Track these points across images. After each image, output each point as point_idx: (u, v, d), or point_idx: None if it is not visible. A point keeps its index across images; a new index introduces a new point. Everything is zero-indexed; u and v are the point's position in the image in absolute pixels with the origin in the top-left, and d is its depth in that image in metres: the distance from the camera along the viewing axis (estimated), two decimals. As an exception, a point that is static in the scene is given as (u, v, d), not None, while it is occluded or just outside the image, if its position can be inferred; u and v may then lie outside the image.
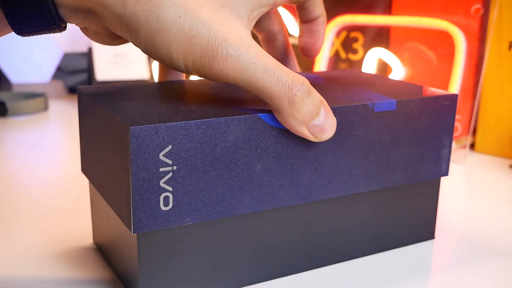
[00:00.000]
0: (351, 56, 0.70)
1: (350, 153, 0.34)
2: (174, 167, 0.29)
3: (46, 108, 0.79)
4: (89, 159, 0.35)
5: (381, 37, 0.67)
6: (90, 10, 0.29)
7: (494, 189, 0.52)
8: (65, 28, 0.30)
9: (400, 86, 0.39)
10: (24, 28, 0.29)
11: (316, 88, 0.38)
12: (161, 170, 0.29)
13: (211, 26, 0.29)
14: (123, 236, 0.32)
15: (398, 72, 0.65)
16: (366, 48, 0.68)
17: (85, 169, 0.36)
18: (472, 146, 0.63)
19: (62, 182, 0.52)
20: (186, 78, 0.46)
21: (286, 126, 0.31)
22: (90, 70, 0.82)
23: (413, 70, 0.66)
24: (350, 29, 0.70)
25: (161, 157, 0.28)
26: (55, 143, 0.64)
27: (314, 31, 0.39)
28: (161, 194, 0.29)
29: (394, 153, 0.36)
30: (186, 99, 0.33)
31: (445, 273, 0.36)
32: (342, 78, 0.41)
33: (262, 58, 0.30)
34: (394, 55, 0.65)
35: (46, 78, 0.90)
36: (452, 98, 0.38)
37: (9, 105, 0.75)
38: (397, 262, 0.37)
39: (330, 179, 0.34)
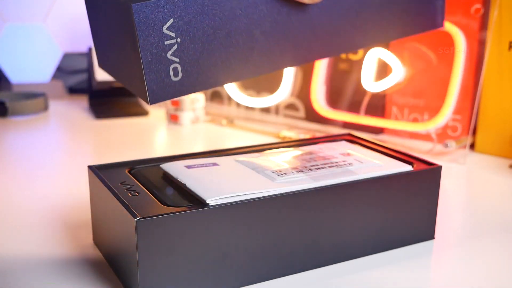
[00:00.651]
0: (351, 56, 0.70)
1: (344, 12, 0.36)
2: (178, 39, 0.31)
3: (46, 108, 0.79)
4: (103, 54, 0.37)
5: (381, 37, 0.67)
6: None
7: (494, 189, 0.52)
8: None
9: None
10: None
11: None
12: (166, 43, 0.30)
13: None
14: (123, 236, 0.32)
15: (398, 72, 0.65)
16: (366, 48, 0.68)
17: (101, 64, 0.38)
18: (472, 146, 0.63)
19: (62, 182, 0.52)
20: None
21: None
22: (90, 70, 0.82)
23: (413, 70, 0.66)
24: (350, 29, 0.69)
25: (164, 30, 0.30)
26: (55, 143, 0.64)
27: None
28: (170, 66, 0.31)
29: (389, 9, 0.37)
30: None
31: (445, 273, 0.36)
32: None
33: None
34: (394, 55, 0.65)
35: (46, 78, 0.90)
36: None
37: (9, 105, 0.75)
38: (397, 262, 0.37)
39: (326, 39, 0.35)
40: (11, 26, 0.87)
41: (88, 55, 0.86)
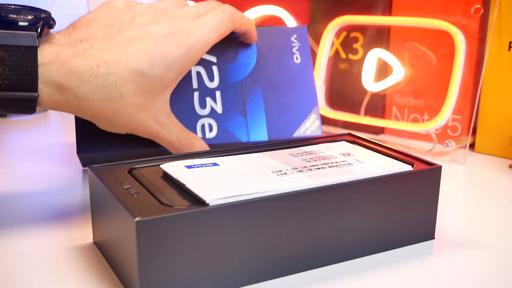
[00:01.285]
0: (351, 56, 0.70)
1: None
2: None
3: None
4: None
5: (381, 37, 0.67)
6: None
7: (494, 189, 0.52)
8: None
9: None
10: None
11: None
12: None
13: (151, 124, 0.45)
14: (123, 235, 0.32)
15: (398, 72, 0.65)
16: (366, 48, 0.68)
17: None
18: (472, 146, 0.63)
19: (62, 182, 0.52)
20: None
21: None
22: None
23: (413, 70, 0.66)
24: (350, 29, 0.70)
25: None
26: (55, 143, 0.64)
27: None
28: None
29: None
30: None
31: (445, 273, 0.36)
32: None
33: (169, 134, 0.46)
34: (394, 55, 0.65)
35: (46, 78, 0.90)
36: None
37: (9, 105, 0.74)
38: (397, 262, 0.37)
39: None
40: (11, 26, 0.87)
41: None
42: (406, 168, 0.39)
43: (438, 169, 0.40)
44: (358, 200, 0.37)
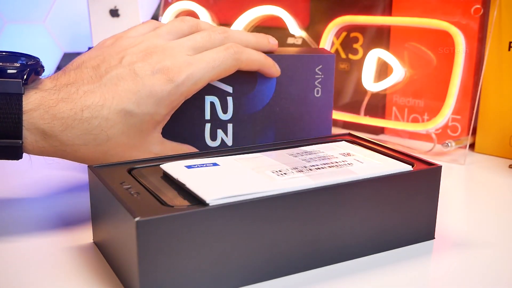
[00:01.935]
0: (351, 56, 0.70)
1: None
2: None
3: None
4: None
5: (381, 37, 0.67)
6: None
7: (494, 189, 0.52)
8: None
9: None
10: None
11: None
12: None
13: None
14: (123, 235, 0.32)
15: (398, 72, 0.65)
16: (366, 48, 0.68)
17: None
18: (472, 146, 0.63)
19: (62, 181, 0.52)
20: None
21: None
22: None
23: (413, 70, 0.66)
24: (350, 29, 0.70)
25: None
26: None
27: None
28: None
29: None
30: None
31: (445, 273, 0.36)
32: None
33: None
34: (394, 55, 0.65)
35: (46, 78, 0.90)
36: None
37: (9, 105, 0.74)
38: (397, 262, 0.37)
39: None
40: (11, 26, 0.87)
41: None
42: (406, 168, 0.39)
43: (438, 169, 0.40)
44: (358, 200, 0.37)
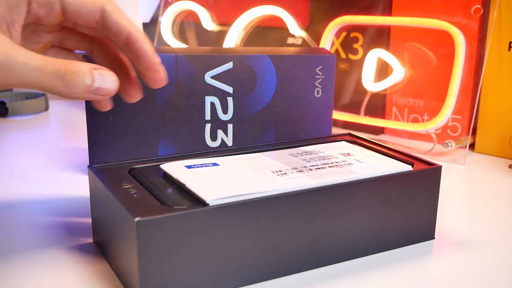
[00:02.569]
0: (351, 56, 0.70)
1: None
2: None
3: (46, 108, 0.79)
4: None
5: (381, 37, 0.67)
6: None
7: (494, 189, 0.52)
8: None
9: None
10: None
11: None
12: None
13: None
14: (123, 235, 0.32)
15: (398, 72, 0.65)
16: (366, 48, 0.68)
17: None
18: (472, 146, 0.63)
19: (62, 181, 0.52)
20: None
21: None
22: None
23: (413, 70, 0.66)
24: (350, 29, 0.70)
25: None
26: (55, 143, 0.64)
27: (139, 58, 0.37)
28: None
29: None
30: None
31: (445, 273, 0.36)
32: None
33: (30, 59, 0.32)
34: (394, 55, 0.65)
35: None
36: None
37: (9, 105, 0.74)
38: (397, 262, 0.37)
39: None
40: (11, 26, 0.87)
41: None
42: (406, 168, 0.39)
43: (438, 169, 0.40)
44: (358, 200, 0.37)
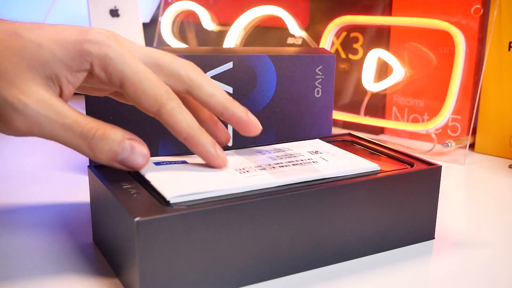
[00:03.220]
0: (351, 56, 0.70)
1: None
2: None
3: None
4: None
5: (381, 37, 0.67)
6: None
7: (494, 189, 0.52)
8: None
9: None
10: None
11: None
12: None
13: None
14: (123, 235, 0.32)
15: (398, 72, 0.65)
16: (366, 48, 0.68)
17: None
18: (472, 146, 0.63)
19: (62, 181, 0.52)
20: None
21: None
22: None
23: (413, 70, 0.66)
24: (350, 29, 0.70)
25: None
26: (55, 143, 0.64)
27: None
28: None
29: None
30: None
31: (445, 273, 0.36)
32: None
33: (60, 115, 0.34)
34: (394, 55, 0.65)
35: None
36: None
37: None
38: (397, 262, 0.37)
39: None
40: (11, 26, 0.87)
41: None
42: (373, 167, 0.38)
43: (438, 169, 0.40)
44: (358, 200, 0.37)
